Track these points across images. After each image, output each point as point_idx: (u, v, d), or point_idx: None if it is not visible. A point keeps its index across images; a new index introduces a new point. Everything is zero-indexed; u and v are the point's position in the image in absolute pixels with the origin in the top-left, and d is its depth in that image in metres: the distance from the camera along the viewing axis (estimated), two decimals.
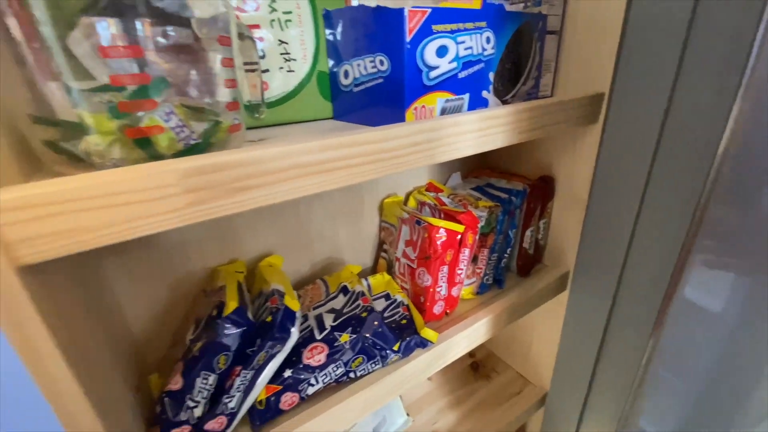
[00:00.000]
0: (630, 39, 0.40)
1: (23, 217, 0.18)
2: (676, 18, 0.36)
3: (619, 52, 0.42)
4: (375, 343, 0.38)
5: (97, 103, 0.22)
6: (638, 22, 0.39)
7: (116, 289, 0.38)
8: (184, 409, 0.32)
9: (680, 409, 0.49)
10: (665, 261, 0.43)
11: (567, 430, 0.65)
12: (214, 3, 0.25)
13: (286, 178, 0.25)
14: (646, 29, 0.39)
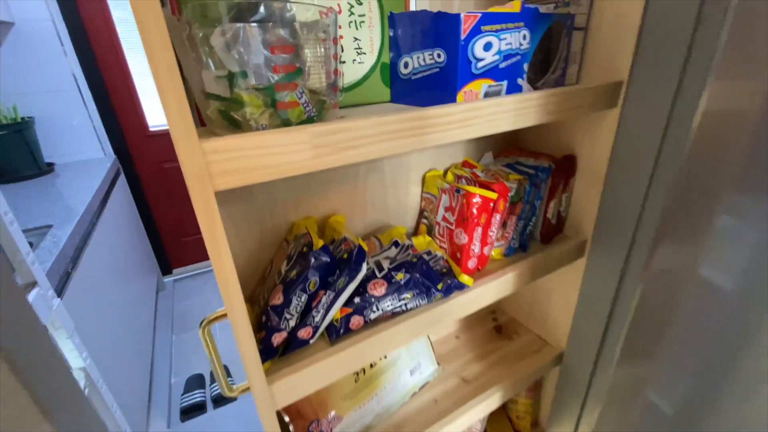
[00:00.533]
0: (646, 34, 0.47)
1: (220, 158, 0.28)
2: (684, 17, 0.43)
3: (637, 45, 0.49)
4: (423, 282, 0.48)
5: (249, 87, 0.32)
6: (653, 19, 0.46)
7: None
8: (283, 320, 0.43)
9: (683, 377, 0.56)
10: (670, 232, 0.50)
11: (579, 386, 0.73)
12: (330, 20, 0.34)
13: (376, 141, 0.34)
14: (660, 26, 0.46)
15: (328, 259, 0.43)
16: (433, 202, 0.62)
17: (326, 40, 0.35)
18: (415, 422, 0.64)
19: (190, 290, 2.30)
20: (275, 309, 0.43)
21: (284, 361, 0.43)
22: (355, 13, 0.45)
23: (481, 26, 0.40)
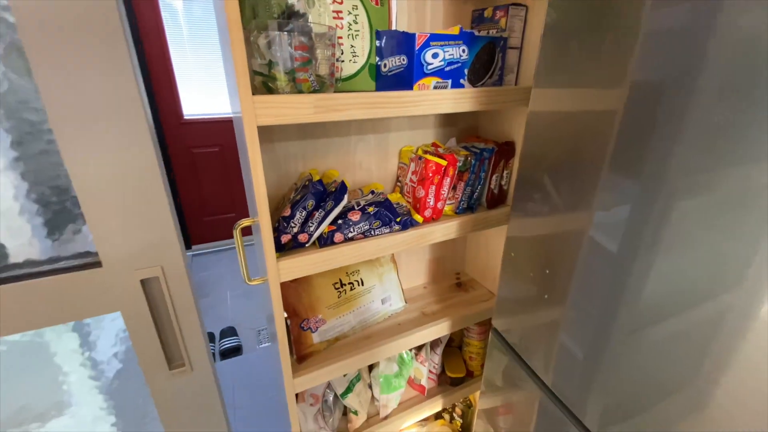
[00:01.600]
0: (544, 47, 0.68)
1: (260, 104, 0.51)
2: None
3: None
4: (387, 215, 0.69)
5: (281, 69, 0.54)
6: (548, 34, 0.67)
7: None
8: (289, 227, 0.64)
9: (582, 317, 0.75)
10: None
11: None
12: (332, 34, 0.57)
13: (354, 107, 0.56)
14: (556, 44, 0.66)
15: (321, 189, 0.65)
16: (405, 169, 0.83)
17: (331, 45, 0.57)
18: (382, 336, 0.85)
19: (207, 264, 2.55)
20: (284, 218, 0.65)
21: (287, 253, 0.64)
22: (352, 29, 0.67)
23: (430, 42, 0.61)
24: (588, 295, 0.57)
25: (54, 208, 0.40)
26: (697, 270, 0.42)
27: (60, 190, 0.40)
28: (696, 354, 0.44)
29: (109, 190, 0.39)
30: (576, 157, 0.55)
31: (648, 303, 0.49)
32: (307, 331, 0.79)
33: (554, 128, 0.57)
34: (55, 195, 0.39)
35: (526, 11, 0.74)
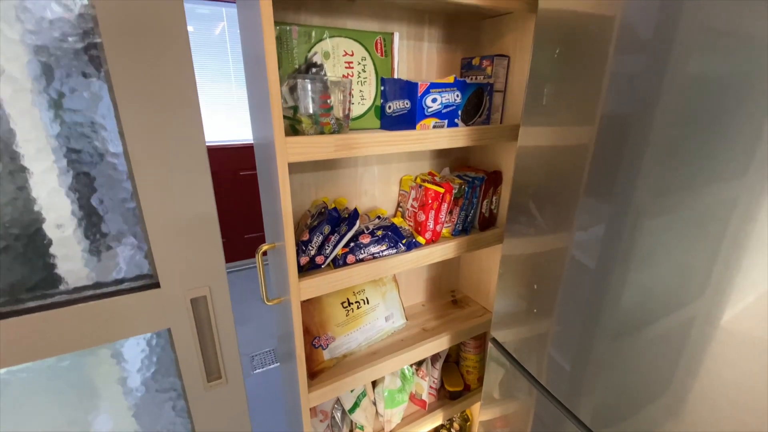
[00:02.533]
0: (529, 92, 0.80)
1: (291, 145, 0.59)
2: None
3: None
4: (393, 237, 0.78)
5: (305, 114, 0.63)
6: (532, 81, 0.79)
7: None
8: (307, 250, 0.71)
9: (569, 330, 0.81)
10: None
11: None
12: (347, 82, 0.66)
13: (368, 145, 0.65)
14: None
15: (336, 215, 0.73)
16: (406, 196, 0.92)
17: (344, 92, 0.66)
18: (386, 351, 0.91)
19: None
20: (303, 242, 0.72)
21: (306, 274, 0.71)
22: (361, 76, 0.78)
23: (430, 89, 0.72)
24: (572, 307, 0.65)
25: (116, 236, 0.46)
26: (666, 281, 0.51)
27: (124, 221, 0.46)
28: (671, 355, 0.51)
29: (173, 220, 0.46)
30: (559, 184, 0.65)
31: (625, 312, 0.57)
32: (318, 348, 0.84)
33: (540, 160, 0.68)
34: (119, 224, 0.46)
35: (509, 61, 0.86)
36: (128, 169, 0.43)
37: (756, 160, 0.41)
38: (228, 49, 2.79)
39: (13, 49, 0.36)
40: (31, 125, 0.38)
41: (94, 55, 0.39)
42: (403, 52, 0.85)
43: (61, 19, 0.37)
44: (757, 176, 0.41)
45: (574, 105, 0.61)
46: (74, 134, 0.40)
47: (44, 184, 0.41)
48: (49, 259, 0.43)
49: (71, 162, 0.41)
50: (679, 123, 0.47)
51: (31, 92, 0.38)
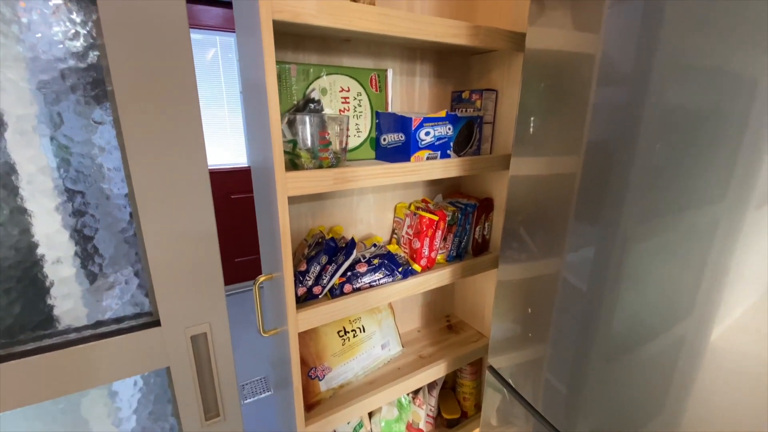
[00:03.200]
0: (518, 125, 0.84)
1: (290, 179, 0.61)
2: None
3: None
4: (390, 265, 0.79)
5: (304, 149, 0.65)
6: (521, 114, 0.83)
7: None
8: (304, 280, 0.72)
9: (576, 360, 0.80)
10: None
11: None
12: (344, 118, 0.69)
13: (365, 177, 0.67)
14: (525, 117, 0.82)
15: (334, 245, 0.74)
16: (401, 223, 0.94)
17: (342, 126, 0.69)
18: (383, 380, 0.90)
19: None
20: (300, 273, 0.72)
21: (304, 304, 0.71)
22: (357, 110, 0.81)
23: (423, 123, 0.75)
24: (566, 330, 0.67)
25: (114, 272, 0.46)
26: (655, 302, 0.53)
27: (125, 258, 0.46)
28: (664, 375, 0.53)
29: (175, 257, 0.46)
30: (549, 211, 0.67)
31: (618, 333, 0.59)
32: (314, 379, 0.83)
33: (531, 188, 0.71)
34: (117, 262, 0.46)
35: (497, 94, 0.91)
36: (133, 209, 0.44)
37: (732, 185, 0.44)
38: (221, 75, 2.84)
39: (21, 94, 0.37)
40: (36, 167, 0.39)
41: (103, 101, 0.41)
42: (397, 87, 0.88)
43: (72, 68, 0.39)
44: (735, 200, 0.43)
45: (561, 136, 0.64)
46: (80, 177, 0.41)
47: (46, 224, 0.41)
48: (49, 300, 0.43)
49: (75, 203, 0.42)
50: (660, 151, 0.50)
51: (39, 135, 0.39)
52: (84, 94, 0.40)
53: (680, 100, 0.48)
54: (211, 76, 2.75)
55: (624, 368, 0.58)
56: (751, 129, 0.42)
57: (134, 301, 0.47)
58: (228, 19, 2.55)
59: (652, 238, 0.52)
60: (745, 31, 0.42)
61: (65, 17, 0.38)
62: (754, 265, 0.43)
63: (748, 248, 0.44)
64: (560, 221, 0.66)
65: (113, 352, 0.44)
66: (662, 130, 0.49)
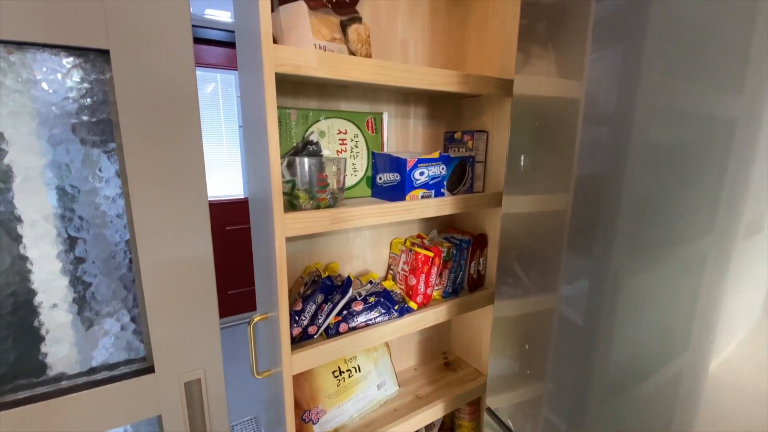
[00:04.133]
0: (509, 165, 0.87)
1: (289, 220, 0.62)
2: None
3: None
4: (386, 303, 0.79)
5: (302, 189, 0.67)
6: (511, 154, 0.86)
7: None
8: (300, 320, 0.71)
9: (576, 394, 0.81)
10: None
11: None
12: (341, 160, 0.71)
13: (361, 217, 0.69)
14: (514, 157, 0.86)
15: (330, 284, 0.74)
16: (396, 259, 0.95)
17: (339, 167, 0.71)
18: (379, 422, 0.87)
19: None
20: (296, 312, 0.72)
21: (298, 345, 0.70)
22: (354, 151, 0.83)
23: (418, 164, 0.78)
24: (565, 366, 0.66)
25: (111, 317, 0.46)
26: (651, 336, 0.53)
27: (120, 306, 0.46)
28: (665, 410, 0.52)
29: (173, 302, 0.47)
30: (542, 247, 0.69)
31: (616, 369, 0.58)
32: (308, 423, 0.80)
33: (523, 225, 0.73)
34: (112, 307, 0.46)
35: (488, 135, 0.95)
36: (133, 254, 0.44)
37: (719, 217, 0.46)
38: (221, 108, 2.92)
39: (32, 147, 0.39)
40: (41, 215, 0.40)
41: (111, 152, 0.43)
42: (392, 128, 0.92)
43: (83, 122, 0.41)
44: (723, 231, 0.45)
45: (551, 174, 0.67)
46: (83, 225, 0.42)
47: (46, 271, 0.41)
48: (44, 347, 0.42)
49: (76, 250, 0.42)
50: (646, 187, 0.52)
51: (46, 186, 0.40)
52: (93, 146, 0.41)
53: (663, 138, 0.50)
54: (211, 109, 2.83)
55: (624, 404, 0.58)
56: (733, 165, 0.44)
57: (129, 347, 0.47)
58: (229, 58, 2.67)
59: (645, 272, 0.53)
60: (720, 75, 0.45)
61: (79, 76, 0.40)
62: (746, 294, 0.45)
63: (740, 278, 0.45)
64: (553, 257, 0.67)
65: (105, 401, 0.43)
66: (648, 167, 0.52)
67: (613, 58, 0.56)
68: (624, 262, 0.56)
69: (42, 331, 0.42)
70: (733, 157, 0.44)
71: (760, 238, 0.44)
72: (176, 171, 0.44)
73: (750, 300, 0.44)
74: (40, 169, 0.39)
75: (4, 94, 0.37)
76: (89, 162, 0.41)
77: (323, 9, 0.67)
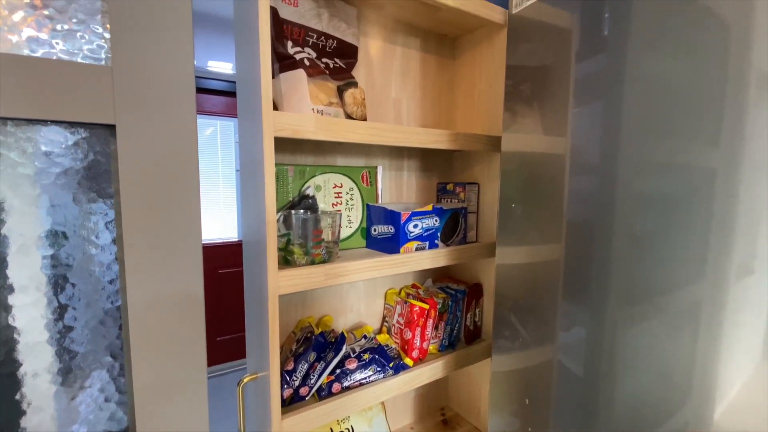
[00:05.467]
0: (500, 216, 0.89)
1: (283, 278, 0.62)
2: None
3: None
4: (381, 361, 0.76)
5: (297, 244, 0.67)
6: (502, 206, 0.88)
7: None
8: (291, 380, 0.69)
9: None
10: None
11: None
12: (337, 215, 0.73)
13: (355, 272, 0.69)
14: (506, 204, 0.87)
15: (323, 341, 0.72)
16: (391, 310, 0.93)
17: (334, 220, 0.72)
18: None
19: None
20: (287, 372, 0.69)
21: (290, 408, 0.67)
22: (349, 204, 0.85)
23: (411, 217, 0.80)
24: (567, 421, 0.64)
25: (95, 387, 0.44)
26: (652, 387, 0.52)
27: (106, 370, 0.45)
28: None
29: (161, 372, 0.45)
30: (538, 298, 0.68)
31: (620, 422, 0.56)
32: None
33: (518, 276, 0.73)
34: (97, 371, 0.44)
35: (479, 187, 0.98)
36: (123, 323, 0.44)
37: (709, 263, 0.46)
38: (218, 152, 2.99)
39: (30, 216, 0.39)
40: (34, 285, 0.40)
41: (111, 223, 0.43)
42: (386, 181, 0.95)
43: (85, 194, 0.42)
44: (714, 277, 0.46)
45: (542, 225, 0.68)
46: (75, 293, 0.42)
47: (33, 340, 0.40)
48: (24, 422, 0.40)
49: (65, 319, 0.42)
50: (635, 236, 0.53)
51: (41, 256, 0.40)
52: (92, 214, 0.42)
53: (648, 188, 0.52)
54: (209, 150, 2.89)
55: None
56: (717, 211, 0.46)
57: (112, 418, 0.44)
58: (229, 106, 2.77)
59: (642, 321, 0.53)
60: (695, 130, 0.48)
61: (84, 148, 0.42)
62: (743, 338, 0.44)
63: (735, 324, 0.45)
64: (550, 308, 0.67)
65: None
66: (636, 216, 0.53)
67: (594, 115, 0.60)
68: (620, 312, 0.56)
69: (23, 405, 0.40)
70: (717, 204, 0.46)
71: (752, 282, 0.44)
72: (173, 239, 0.44)
73: (747, 343, 0.44)
74: (36, 237, 0.40)
75: (8, 165, 0.38)
76: (87, 230, 0.42)
77: (321, 76, 0.71)
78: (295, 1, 0.70)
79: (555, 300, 0.67)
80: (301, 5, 0.71)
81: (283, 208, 0.75)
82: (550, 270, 0.68)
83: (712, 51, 0.47)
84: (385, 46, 0.90)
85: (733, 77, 0.45)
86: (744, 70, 0.44)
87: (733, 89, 0.45)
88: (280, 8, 0.68)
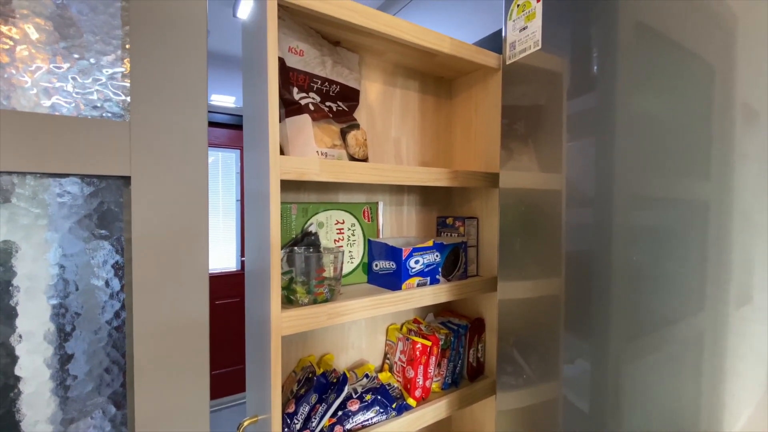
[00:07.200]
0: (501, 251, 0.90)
1: (285, 319, 0.62)
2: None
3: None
4: (383, 402, 0.75)
5: (300, 282, 0.68)
6: (502, 242, 0.89)
7: None
8: (292, 424, 0.67)
9: None
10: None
11: None
12: (340, 253, 0.74)
13: (357, 311, 0.69)
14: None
15: (325, 382, 0.71)
16: (393, 347, 0.92)
17: (336, 256, 0.73)
18: None
19: None
20: (288, 415, 0.68)
21: None
22: (351, 240, 0.86)
23: (413, 253, 0.81)
24: None
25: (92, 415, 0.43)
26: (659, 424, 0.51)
27: None
28: None
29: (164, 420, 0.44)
30: (541, 331, 0.68)
31: None
32: None
33: (520, 310, 0.73)
34: None
35: (478, 221, 0.99)
36: (128, 371, 0.44)
37: (708, 292, 0.47)
38: (219, 182, 3.03)
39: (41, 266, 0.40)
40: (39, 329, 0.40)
41: (119, 270, 0.44)
42: (387, 216, 0.97)
43: (95, 246, 0.43)
44: (713, 307, 0.46)
45: (542, 258, 0.69)
46: (80, 342, 0.42)
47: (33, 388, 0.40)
48: None
49: (69, 365, 0.42)
50: (634, 268, 0.53)
51: (50, 304, 0.41)
52: (104, 263, 0.43)
53: (643, 220, 0.53)
54: (210, 181, 2.93)
55: None
56: (713, 241, 0.47)
57: None
58: (231, 138, 2.84)
59: (645, 354, 0.53)
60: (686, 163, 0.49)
61: (98, 199, 0.43)
62: (748, 366, 0.44)
63: (739, 350, 0.45)
64: (552, 342, 0.66)
65: None
66: (633, 247, 0.54)
67: (587, 151, 0.62)
68: (623, 345, 0.56)
69: None
70: (712, 235, 0.47)
71: (750, 308, 0.45)
72: (181, 289, 0.45)
73: (753, 371, 0.44)
74: (46, 287, 0.40)
75: (22, 215, 0.40)
76: (97, 277, 0.43)
77: (325, 119, 0.75)
78: (300, 51, 0.74)
79: (557, 334, 0.67)
80: (307, 54, 0.75)
81: (286, 246, 0.76)
82: (551, 304, 0.68)
83: (697, 88, 0.49)
84: (385, 89, 0.94)
85: (719, 112, 0.47)
86: (729, 105, 0.46)
87: (720, 124, 0.47)
88: (287, 58, 0.72)
